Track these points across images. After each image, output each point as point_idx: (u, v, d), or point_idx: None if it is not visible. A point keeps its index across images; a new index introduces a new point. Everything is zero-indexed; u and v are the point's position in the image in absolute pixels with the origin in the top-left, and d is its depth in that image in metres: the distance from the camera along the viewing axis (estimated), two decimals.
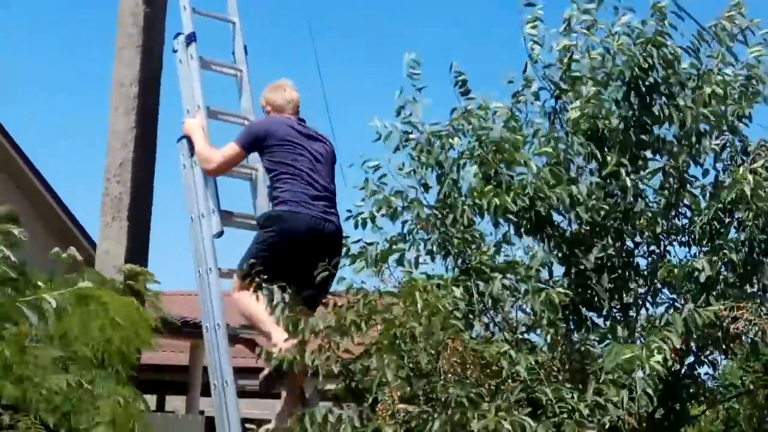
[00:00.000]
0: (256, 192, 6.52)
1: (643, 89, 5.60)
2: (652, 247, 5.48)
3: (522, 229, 5.58)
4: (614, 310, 5.55)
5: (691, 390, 5.49)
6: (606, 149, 5.70)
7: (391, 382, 4.79)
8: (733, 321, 4.88)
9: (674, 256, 5.71)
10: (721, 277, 5.21)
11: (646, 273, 5.56)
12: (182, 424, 10.00)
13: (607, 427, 4.87)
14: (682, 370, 5.37)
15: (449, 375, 4.87)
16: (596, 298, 5.51)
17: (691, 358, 5.47)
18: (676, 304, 5.27)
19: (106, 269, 6.88)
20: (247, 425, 6.04)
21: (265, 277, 5.57)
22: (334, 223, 5.86)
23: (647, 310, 5.26)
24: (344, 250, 6.02)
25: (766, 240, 5.37)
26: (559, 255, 5.63)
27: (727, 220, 5.43)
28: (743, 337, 5.05)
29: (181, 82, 6.45)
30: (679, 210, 5.60)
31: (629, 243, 5.71)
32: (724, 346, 5.19)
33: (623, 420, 4.87)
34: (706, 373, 5.51)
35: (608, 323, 5.41)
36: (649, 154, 5.77)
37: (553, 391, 4.69)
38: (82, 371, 4.72)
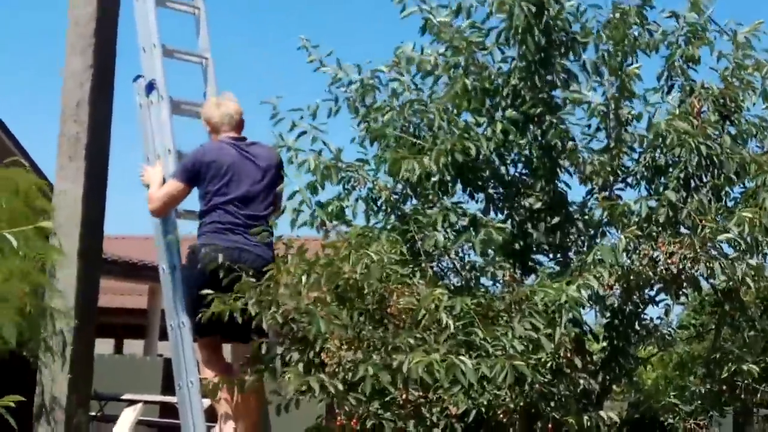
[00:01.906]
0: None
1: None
2: (603, 193, 5.49)
3: (452, 184, 5.56)
4: (558, 254, 5.59)
5: (641, 332, 5.57)
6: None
7: (326, 332, 4.85)
8: (669, 257, 4.94)
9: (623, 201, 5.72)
10: (657, 216, 5.22)
11: (585, 216, 5.58)
12: (140, 366, 10.04)
13: (549, 365, 4.96)
14: (628, 310, 5.41)
15: (392, 323, 4.94)
16: (539, 243, 5.54)
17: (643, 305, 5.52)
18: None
19: (63, 210, 6.87)
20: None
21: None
22: (253, 253, 5.62)
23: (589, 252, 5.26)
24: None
25: (699, 177, 5.41)
26: (498, 203, 5.65)
27: (665, 159, 5.44)
28: (683, 276, 5.11)
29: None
30: (621, 150, 5.59)
31: (566, 186, 5.71)
32: (674, 288, 5.24)
33: (564, 357, 4.97)
34: (659, 317, 5.59)
35: (555, 266, 5.45)
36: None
37: (488, 332, 4.74)
38: None
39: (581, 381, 5.34)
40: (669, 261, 4.98)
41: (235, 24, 46.69)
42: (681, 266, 4.97)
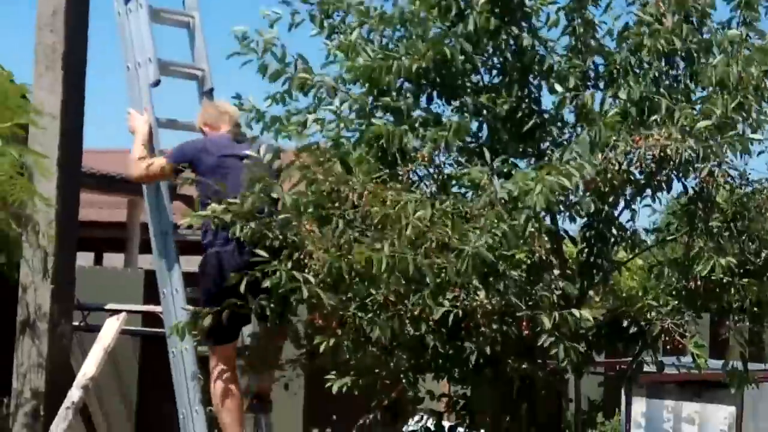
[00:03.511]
0: (194, 40, 6.47)
1: None
2: (576, 95, 5.49)
3: (428, 93, 5.56)
4: (534, 160, 5.62)
5: (618, 235, 5.63)
6: None
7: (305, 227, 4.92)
8: (647, 150, 4.96)
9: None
10: (630, 110, 5.23)
11: (558, 120, 5.60)
12: (121, 278, 10.08)
13: (525, 263, 5.04)
14: (604, 212, 5.46)
15: (369, 225, 5.01)
16: (515, 149, 5.57)
17: (621, 204, 5.57)
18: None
19: (41, 120, 6.86)
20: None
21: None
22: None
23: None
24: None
25: (667, 73, 5.41)
26: (472, 109, 5.66)
27: (633, 60, 5.43)
28: (660, 175, 5.15)
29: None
30: (591, 52, 5.57)
31: (537, 91, 5.71)
32: (654, 184, 5.27)
33: (540, 256, 5.05)
34: (629, 220, 5.65)
35: (533, 163, 5.48)
36: None
37: (457, 230, 4.79)
38: None
39: (560, 284, 5.43)
40: (647, 153, 4.99)
41: None
42: (662, 154, 4.97)
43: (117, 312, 7.78)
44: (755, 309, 5.60)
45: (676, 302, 5.41)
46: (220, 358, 5.80)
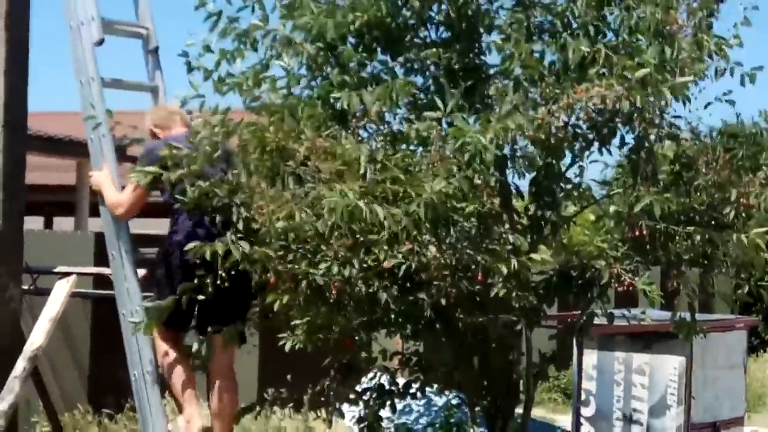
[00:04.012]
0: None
1: None
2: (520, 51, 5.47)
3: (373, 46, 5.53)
4: (480, 114, 5.62)
5: (565, 188, 5.65)
6: None
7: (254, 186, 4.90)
8: (588, 100, 4.97)
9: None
10: (570, 63, 5.24)
11: (504, 75, 5.59)
12: (71, 241, 9.98)
13: (467, 209, 5.05)
14: (551, 166, 5.48)
15: (319, 180, 5.00)
16: (461, 105, 5.56)
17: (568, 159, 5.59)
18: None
19: None
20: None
21: None
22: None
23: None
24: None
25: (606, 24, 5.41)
26: (419, 65, 5.64)
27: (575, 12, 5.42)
28: (604, 128, 5.17)
29: None
30: (535, 7, 5.56)
31: (483, 45, 5.70)
32: (599, 137, 5.29)
33: (489, 208, 5.07)
34: (577, 174, 5.67)
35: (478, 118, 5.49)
36: None
37: (409, 180, 4.79)
38: None
39: (509, 238, 5.45)
40: (589, 104, 5.00)
41: None
42: (603, 105, 4.99)
43: (67, 275, 7.72)
44: (703, 260, 5.66)
45: (625, 249, 5.44)
46: (164, 338, 5.78)
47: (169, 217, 5.78)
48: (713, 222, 5.57)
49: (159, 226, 6.32)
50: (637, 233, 5.30)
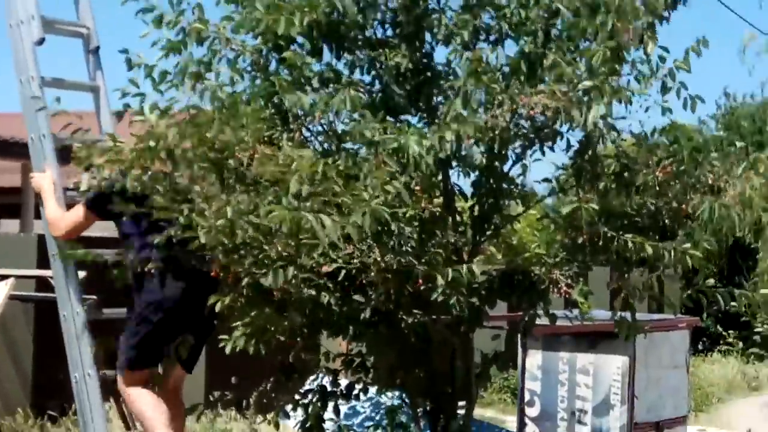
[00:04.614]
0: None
1: None
2: (466, 52, 5.48)
3: (317, 44, 5.51)
4: (426, 116, 5.63)
5: (509, 187, 5.66)
6: None
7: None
8: (531, 108, 5.00)
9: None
10: (517, 69, 5.26)
11: (449, 76, 5.60)
12: (13, 243, 9.88)
13: (407, 214, 5.06)
14: (494, 167, 5.49)
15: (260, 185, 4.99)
16: (405, 105, 5.56)
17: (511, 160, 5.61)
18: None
19: None
20: None
21: None
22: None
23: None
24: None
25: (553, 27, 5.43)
26: (364, 64, 5.63)
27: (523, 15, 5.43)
28: (544, 130, 5.19)
29: None
30: (483, 7, 5.57)
31: (431, 47, 5.71)
32: (541, 137, 5.31)
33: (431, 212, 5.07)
34: (520, 174, 5.69)
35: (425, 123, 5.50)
36: None
37: (349, 189, 4.79)
38: None
39: (451, 238, 5.47)
40: (531, 112, 5.03)
41: None
42: (545, 115, 5.01)
43: (5, 277, 7.64)
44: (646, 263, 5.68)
45: (564, 254, 5.47)
46: (133, 382, 5.69)
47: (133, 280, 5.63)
48: (657, 226, 5.60)
49: (106, 229, 6.24)
50: (576, 236, 5.34)
